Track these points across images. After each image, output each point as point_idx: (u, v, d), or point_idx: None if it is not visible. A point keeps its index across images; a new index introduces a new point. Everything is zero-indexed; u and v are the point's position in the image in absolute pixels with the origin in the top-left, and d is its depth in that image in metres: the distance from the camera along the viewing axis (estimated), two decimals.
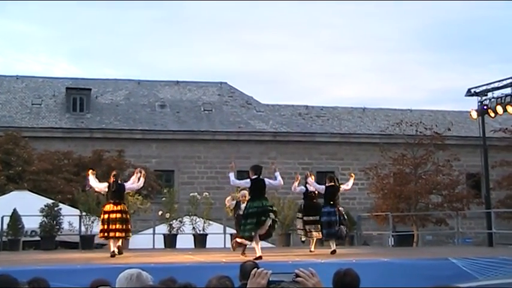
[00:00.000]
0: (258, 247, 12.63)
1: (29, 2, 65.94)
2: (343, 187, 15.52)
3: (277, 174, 13.47)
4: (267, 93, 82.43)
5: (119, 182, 14.16)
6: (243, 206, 14.92)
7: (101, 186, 14.53)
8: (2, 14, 68.74)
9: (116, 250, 13.66)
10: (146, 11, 66.02)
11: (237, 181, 13.38)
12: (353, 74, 75.97)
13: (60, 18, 70.25)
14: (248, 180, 13.03)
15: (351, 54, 75.67)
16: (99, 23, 71.15)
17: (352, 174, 16.12)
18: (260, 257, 12.16)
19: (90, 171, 14.72)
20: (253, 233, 12.62)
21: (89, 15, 70.48)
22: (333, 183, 15.03)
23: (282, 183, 13.48)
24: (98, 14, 69.09)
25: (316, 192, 15.57)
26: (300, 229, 15.98)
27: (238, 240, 13.63)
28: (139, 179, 14.51)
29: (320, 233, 15.16)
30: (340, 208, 14.88)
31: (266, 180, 13.06)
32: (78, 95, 34.91)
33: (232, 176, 13.13)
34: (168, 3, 69.55)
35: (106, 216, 13.79)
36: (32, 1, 65.16)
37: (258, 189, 12.87)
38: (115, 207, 13.81)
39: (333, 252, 14.29)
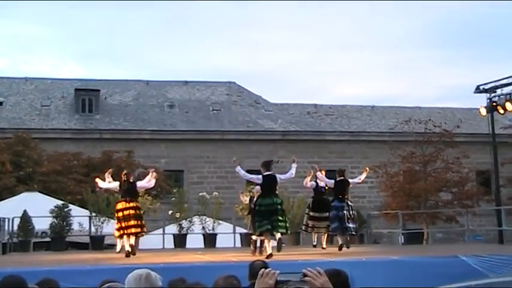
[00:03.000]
0: (268, 245, 12.66)
1: (35, 2, 66.23)
2: (353, 180, 15.54)
3: (294, 166, 13.45)
4: (276, 92, 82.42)
5: (130, 180, 14.23)
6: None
7: (112, 186, 14.62)
8: (9, 15, 69.05)
9: (130, 249, 13.66)
10: (154, 11, 66.24)
11: (249, 175, 13.38)
12: (362, 72, 75.87)
13: (66, 20, 70.49)
14: (260, 176, 13.02)
15: (359, 52, 75.63)
16: (106, 23, 71.37)
17: (367, 169, 16.10)
18: (271, 255, 12.18)
19: (97, 179, 14.86)
20: (264, 230, 12.67)
21: (95, 16, 70.71)
22: (342, 177, 15.05)
23: (293, 176, 13.48)
24: (105, 14, 69.31)
25: (327, 188, 15.57)
26: (304, 225, 16.02)
27: (254, 238, 13.72)
28: (155, 173, 14.64)
29: (327, 228, 15.16)
30: (349, 203, 14.86)
31: (278, 175, 13.07)
32: (87, 96, 35.02)
33: (240, 169, 13.13)
34: (175, 3, 69.68)
35: (120, 214, 13.82)
36: (39, 1, 65.38)
37: (269, 185, 12.87)
38: (127, 204, 13.87)
39: (341, 247, 14.29)
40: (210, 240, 19.44)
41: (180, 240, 19.47)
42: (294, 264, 10.73)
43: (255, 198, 14.68)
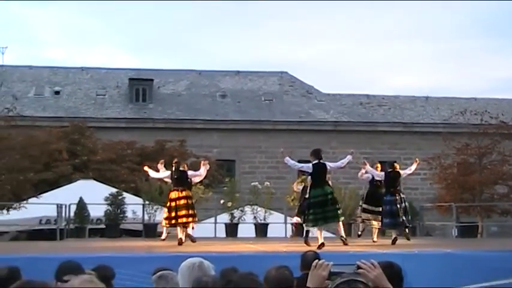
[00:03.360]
0: (320, 234, 12.68)
1: None
2: (405, 171, 15.33)
3: (349, 157, 13.54)
4: (328, 83, 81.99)
5: (181, 169, 14.40)
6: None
7: (163, 175, 14.84)
8: (65, 8, 70.33)
9: (184, 237, 13.83)
10: (203, 1, 66.49)
11: (299, 164, 13.47)
12: (415, 62, 74.78)
13: (119, 11, 71.36)
14: (310, 165, 13.06)
15: (411, 42, 74.47)
16: (159, 14, 71.89)
17: (417, 160, 15.89)
18: (323, 244, 12.20)
19: (146, 167, 15.13)
20: (316, 224, 12.73)
21: (147, 7, 71.43)
22: (393, 169, 14.88)
23: (343, 165, 13.50)
24: (157, 5, 69.86)
25: (382, 181, 15.45)
26: (357, 216, 15.96)
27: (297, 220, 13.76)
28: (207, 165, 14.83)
29: (380, 223, 15.04)
30: (402, 195, 14.70)
31: (327, 164, 13.09)
32: (140, 85, 35.45)
33: (289, 159, 13.20)
34: None
35: (173, 204, 14.03)
36: None
37: (319, 174, 12.90)
38: (180, 193, 14.07)
39: (394, 241, 14.15)
40: (261, 230, 19.51)
41: (231, 230, 19.60)
42: (346, 256, 10.69)
43: (308, 188, 14.73)
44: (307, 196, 13.94)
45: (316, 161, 12.99)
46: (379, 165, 15.87)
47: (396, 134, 34.86)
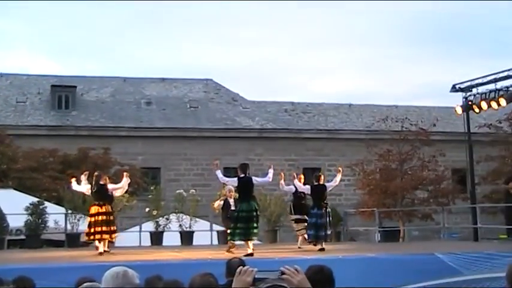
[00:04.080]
0: (250, 244, 12.76)
1: None
2: (330, 184, 15.41)
3: (271, 171, 13.60)
4: (253, 90, 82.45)
5: (101, 182, 14.21)
6: (231, 200, 15.07)
7: (84, 189, 14.68)
8: None
9: (105, 249, 13.75)
10: (129, 7, 65.80)
11: (226, 178, 13.63)
12: (337, 70, 76.18)
13: (40, 14, 69.72)
14: (235, 179, 13.20)
15: (335, 49, 75.87)
16: (81, 19, 70.77)
17: (340, 169, 16.06)
18: (251, 254, 12.26)
19: (73, 179, 14.87)
20: (240, 239, 12.94)
21: (70, 10, 70.12)
22: (318, 183, 14.97)
23: (271, 180, 13.61)
24: (79, 9, 68.77)
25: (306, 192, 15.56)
26: (296, 230, 16.08)
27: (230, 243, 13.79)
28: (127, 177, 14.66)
29: (306, 234, 15.15)
30: (328, 209, 14.81)
31: (253, 178, 13.27)
32: (63, 92, 34.77)
33: (219, 173, 13.31)
34: None
35: (92, 219, 13.87)
36: None
37: (245, 188, 13.05)
38: (100, 208, 13.90)
39: (322, 250, 14.30)
40: (187, 237, 19.38)
41: (156, 238, 19.40)
42: (271, 262, 10.76)
43: (231, 199, 14.81)
44: (233, 208, 14.09)
45: (242, 175, 13.08)
46: (302, 176, 15.99)
47: (321, 141, 35.36)
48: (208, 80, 39.40)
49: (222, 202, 15.81)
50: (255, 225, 13.04)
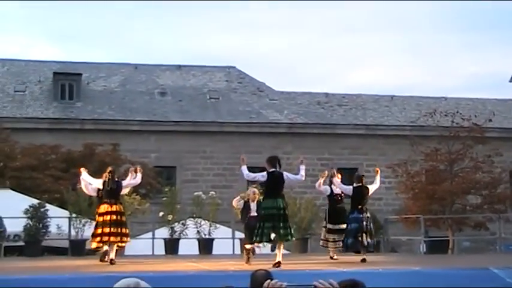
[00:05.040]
0: (279, 252, 12.67)
1: None
2: (372, 187, 15.32)
3: (302, 167, 13.42)
4: (281, 80, 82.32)
5: (116, 179, 14.22)
6: (252, 204, 14.96)
7: (95, 184, 14.61)
8: None
9: (114, 256, 13.72)
10: None
11: (252, 174, 13.38)
12: (378, 57, 75.83)
13: None
14: (264, 173, 13.00)
15: (374, 34, 75.44)
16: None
17: (377, 169, 15.98)
18: (279, 264, 12.24)
19: (83, 168, 14.84)
20: (266, 238, 12.70)
21: None
22: (361, 184, 14.90)
23: (303, 178, 13.47)
24: None
25: (343, 194, 15.49)
26: (322, 239, 15.94)
27: (247, 246, 13.64)
28: (135, 173, 14.60)
29: (342, 242, 15.06)
30: (368, 214, 14.72)
31: (285, 174, 13.04)
32: (66, 80, 35.05)
33: (245, 169, 13.09)
34: None
35: (101, 218, 13.83)
36: None
37: (274, 184, 12.85)
38: (110, 207, 13.87)
39: (363, 260, 14.22)
40: (205, 246, 19.47)
41: (171, 246, 19.50)
42: (302, 275, 10.74)
43: (252, 203, 14.72)
44: (253, 214, 13.98)
45: (272, 170, 12.93)
46: (339, 175, 15.86)
47: (358, 137, 35.26)
48: (230, 67, 39.47)
49: (242, 202, 15.71)
50: (283, 224, 12.67)
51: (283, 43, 76.00)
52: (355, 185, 14.90)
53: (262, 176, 13.13)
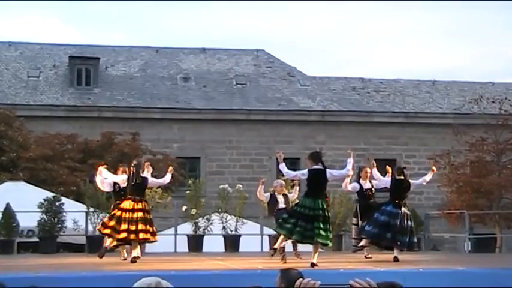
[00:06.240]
0: (315, 254, 12.58)
1: None
2: (416, 182, 15.18)
3: (350, 161, 13.35)
4: (313, 63, 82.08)
5: (142, 174, 14.11)
6: (279, 197, 14.98)
7: (118, 180, 14.56)
8: None
9: (138, 254, 13.71)
10: None
11: (292, 173, 13.38)
12: (418, 39, 75.31)
13: None
14: (305, 171, 12.93)
15: (415, 14, 74.92)
16: None
17: (434, 168, 15.80)
18: (315, 265, 12.20)
19: (102, 166, 14.87)
20: (290, 236, 12.74)
21: None
22: (403, 177, 14.74)
23: (351, 172, 13.42)
24: None
25: (374, 189, 15.39)
26: (354, 238, 15.86)
27: (281, 242, 13.59)
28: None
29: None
30: (407, 211, 14.53)
31: (328, 171, 12.90)
32: (83, 65, 35.21)
33: (284, 167, 12.95)
34: None
35: (126, 214, 13.66)
36: None
37: (316, 182, 12.73)
38: (135, 204, 13.75)
39: (396, 259, 14.14)
40: (232, 242, 19.51)
41: (195, 243, 19.57)
42: (335, 274, 10.75)
43: (279, 196, 14.72)
44: (281, 207, 13.97)
45: (315, 167, 12.80)
46: (373, 163, 15.68)
47: (396, 126, 35.07)
48: (259, 50, 39.42)
49: (267, 195, 15.71)
50: (321, 225, 12.46)
51: (315, 25, 75.78)
52: (397, 177, 14.73)
53: (302, 174, 13.10)
